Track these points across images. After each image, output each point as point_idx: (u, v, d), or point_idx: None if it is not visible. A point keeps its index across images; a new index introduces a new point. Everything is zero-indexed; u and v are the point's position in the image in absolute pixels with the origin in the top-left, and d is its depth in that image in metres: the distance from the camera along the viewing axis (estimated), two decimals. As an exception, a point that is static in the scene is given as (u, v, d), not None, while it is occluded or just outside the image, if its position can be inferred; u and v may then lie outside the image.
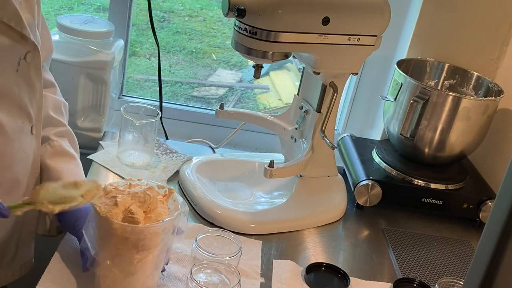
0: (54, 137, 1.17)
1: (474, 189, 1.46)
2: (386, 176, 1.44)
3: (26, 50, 1.02)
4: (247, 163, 1.48)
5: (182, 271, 1.09)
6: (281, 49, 1.20)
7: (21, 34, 0.99)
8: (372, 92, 1.73)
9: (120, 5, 1.63)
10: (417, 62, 1.59)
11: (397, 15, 1.57)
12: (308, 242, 1.29)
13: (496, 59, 1.60)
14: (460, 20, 1.57)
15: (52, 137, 1.17)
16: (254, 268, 1.15)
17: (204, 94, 2.60)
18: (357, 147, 1.55)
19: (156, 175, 1.39)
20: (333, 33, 1.21)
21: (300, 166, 1.32)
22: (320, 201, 1.39)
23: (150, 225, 0.93)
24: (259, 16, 1.15)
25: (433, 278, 1.23)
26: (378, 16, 1.25)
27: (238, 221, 1.27)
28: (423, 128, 1.41)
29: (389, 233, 1.37)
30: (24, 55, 1.02)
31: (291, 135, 1.41)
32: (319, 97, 1.32)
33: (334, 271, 1.18)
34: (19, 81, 1.03)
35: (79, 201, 0.91)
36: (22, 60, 1.01)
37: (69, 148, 1.19)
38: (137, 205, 0.95)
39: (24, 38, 1.00)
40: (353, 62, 1.30)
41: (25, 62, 1.02)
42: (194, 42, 2.81)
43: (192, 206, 1.32)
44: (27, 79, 1.04)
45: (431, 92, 1.38)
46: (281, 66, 2.66)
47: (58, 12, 2.71)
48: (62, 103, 1.23)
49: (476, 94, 1.55)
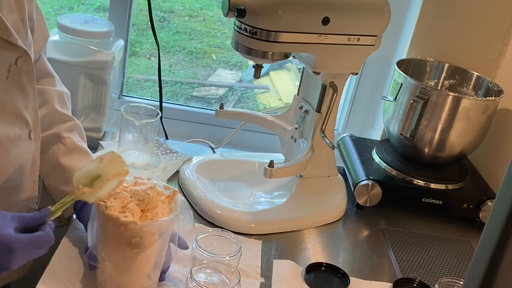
0: (65, 134, 1.15)
1: (474, 189, 1.46)
2: (386, 176, 1.44)
3: (16, 55, 0.99)
4: (247, 163, 1.48)
5: (182, 271, 1.09)
6: (281, 49, 1.20)
7: (8, 41, 0.96)
8: (372, 92, 1.73)
9: (120, 5, 1.63)
10: (417, 62, 1.59)
11: (397, 15, 1.57)
12: (308, 242, 1.29)
13: (496, 59, 1.60)
14: (460, 20, 1.57)
15: (63, 134, 1.15)
16: (254, 268, 1.15)
17: (204, 94, 2.60)
18: (357, 147, 1.55)
19: (156, 175, 1.39)
20: (333, 33, 1.21)
21: (300, 166, 1.32)
22: (320, 201, 1.39)
23: (143, 223, 0.93)
24: (259, 16, 1.15)
25: (433, 278, 1.23)
26: (378, 16, 1.25)
27: (238, 221, 1.27)
28: (423, 128, 1.41)
29: (389, 233, 1.37)
30: (15, 60, 0.99)
31: (291, 135, 1.41)
32: (319, 97, 1.32)
33: (334, 271, 1.18)
34: (10, 89, 1.00)
35: (111, 177, 0.93)
36: (13, 66, 0.99)
37: (80, 143, 1.17)
38: (136, 203, 0.95)
39: (12, 45, 0.97)
40: (353, 62, 1.30)
41: (16, 67, 0.99)
42: (194, 42, 2.81)
43: (192, 206, 1.32)
44: (19, 85, 1.01)
45: (431, 92, 1.38)
46: (281, 66, 2.66)
47: (58, 12, 2.71)
48: (65, 94, 1.21)
49: (476, 94, 1.56)
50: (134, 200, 0.95)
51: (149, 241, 0.95)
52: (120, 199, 0.94)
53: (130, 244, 0.94)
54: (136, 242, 0.93)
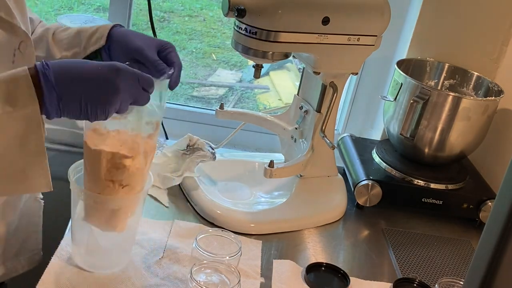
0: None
1: (474, 189, 1.46)
2: (386, 176, 1.44)
3: (19, 40, 1.01)
4: (247, 163, 1.48)
5: (182, 271, 1.09)
6: (281, 49, 1.20)
7: (12, 24, 0.98)
8: (372, 92, 1.73)
9: (120, 5, 1.63)
10: (417, 62, 1.59)
11: (397, 15, 1.57)
12: (308, 242, 1.29)
13: (496, 59, 1.60)
14: (460, 20, 1.57)
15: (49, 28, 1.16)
16: (254, 268, 1.15)
17: (204, 94, 2.60)
18: (357, 147, 1.55)
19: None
20: (333, 33, 1.21)
21: (300, 166, 1.32)
22: (320, 201, 1.39)
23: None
24: (259, 16, 1.15)
25: (433, 278, 1.23)
26: (378, 16, 1.25)
27: (238, 221, 1.27)
28: (423, 128, 1.41)
29: (389, 233, 1.37)
30: (18, 45, 1.01)
31: (291, 135, 1.41)
32: (319, 97, 1.32)
33: (334, 271, 1.18)
34: None
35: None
36: (17, 50, 1.01)
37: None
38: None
39: (15, 29, 0.99)
40: (353, 62, 1.30)
41: (19, 52, 1.01)
42: (194, 42, 2.81)
43: (192, 206, 1.32)
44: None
45: (431, 92, 1.38)
46: (281, 66, 2.66)
47: (58, 12, 2.71)
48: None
49: (476, 94, 1.56)
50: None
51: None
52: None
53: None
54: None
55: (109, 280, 1.04)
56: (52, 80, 0.83)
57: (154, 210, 1.28)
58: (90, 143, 0.95)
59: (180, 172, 1.36)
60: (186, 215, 1.29)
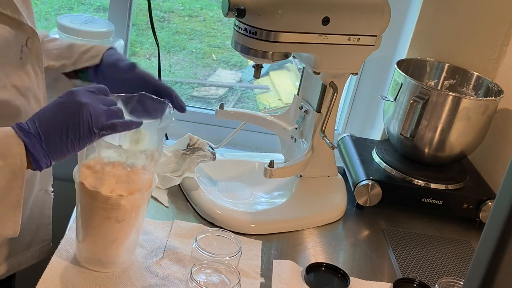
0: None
1: (474, 189, 1.46)
2: (386, 176, 1.44)
3: (26, 36, 1.02)
4: (247, 163, 1.48)
5: (182, 271, 1.09)
6: (281, 49, 1.20)
7: (19, 21, 1.00)
8: (372, 92, 1.73)
9: (120, 5, 1.63)
10: (417, 62, 1.59)
11: (397, 15, 1.57)
12: (308, 242, 1.29)
13: (496, 59, 1.60)
14: (460, 20, 1.57)
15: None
16: (254, 268, 1.15)
17: (204, 94, 2.60)
18: (357, 147, 1.55)
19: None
20: (333, 33, 1.21)
21: (300, 166, 1.32)
22: (320, 201, 1.39)
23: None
24: (259, 16, 1.15)
25: (433, 278, 1.23)
26: (378, 16, 1.25)
27: (238, 221, 1.27)
28: (423, 128, 1.41)
29: (389, 233, 1.37)
30: (25, 42, 1.02)
31: (291, 135, 1.41)
32: (319, 97, 1.32)
33: (334, 271, 1.18)
34: (25, 69, 1.04)
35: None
36: (24, 47, 1.02)
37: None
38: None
39: (22, 26, 1.01)
40: (353, 62, 1.30)
41: (27, 49, 1.03)
42: (194, 42, 2.81)
43: (192, 206, 1.32)
44: (32, 65, 1.06)
45: (431, 92, 1.38)
46: (281, 66, 2.66)
47: (58, 12, 2.71)
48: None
49: (476, 94, 1.56)
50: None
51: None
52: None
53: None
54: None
55: (109, 279, 1.04)
56: (27, 128, 0.89)
57: (154, 210, 1.28)
58: (86, 183, 0.98)
59: (180, 172, 1.36)
60: (186, 215, 1.29)
